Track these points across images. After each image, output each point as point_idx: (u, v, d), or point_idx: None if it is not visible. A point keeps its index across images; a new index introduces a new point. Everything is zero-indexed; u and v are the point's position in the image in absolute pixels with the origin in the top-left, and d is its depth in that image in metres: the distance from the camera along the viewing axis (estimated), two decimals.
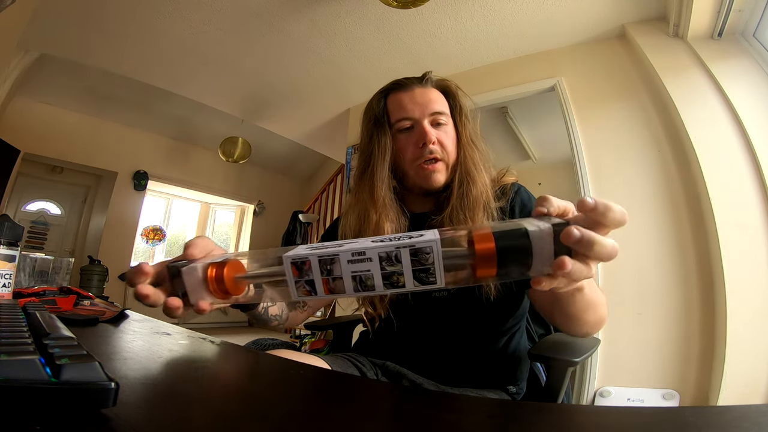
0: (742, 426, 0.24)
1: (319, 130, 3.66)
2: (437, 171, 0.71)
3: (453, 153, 0.72)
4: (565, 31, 2.17)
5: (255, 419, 0.23)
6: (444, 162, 0.71)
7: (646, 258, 1.80)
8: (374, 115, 0.76)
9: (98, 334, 0.49)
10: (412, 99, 0.72)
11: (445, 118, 0.73)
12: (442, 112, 0.72)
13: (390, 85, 0.77)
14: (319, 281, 0.35)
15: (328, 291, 0.35)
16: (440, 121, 0.72)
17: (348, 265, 0.34)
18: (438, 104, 0.73)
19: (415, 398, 0.33)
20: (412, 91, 0.73)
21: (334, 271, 0.34)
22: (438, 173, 0.71)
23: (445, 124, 0.73)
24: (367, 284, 0.34)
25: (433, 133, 0.70)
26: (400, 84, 0.75)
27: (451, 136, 0.73)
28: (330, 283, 0.35)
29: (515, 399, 0.72)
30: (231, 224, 5.84)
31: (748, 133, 1.61)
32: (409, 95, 0.73)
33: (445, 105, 0.74)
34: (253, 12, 2.15)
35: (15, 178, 3.58)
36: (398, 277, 0.33)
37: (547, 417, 0.27)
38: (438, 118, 0.72)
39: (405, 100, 0.73)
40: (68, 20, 2.25)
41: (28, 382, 0.19)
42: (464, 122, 0.74)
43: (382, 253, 0.33)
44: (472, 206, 0.68)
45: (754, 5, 1.63)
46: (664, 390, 1.66)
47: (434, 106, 0.72)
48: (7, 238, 0.61)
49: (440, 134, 0.71)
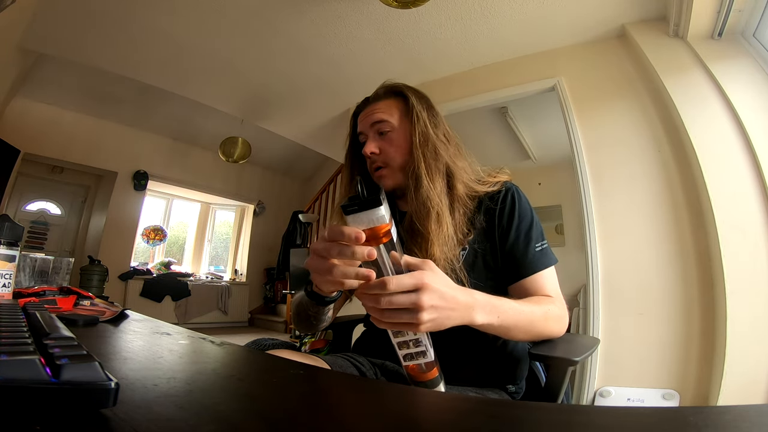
0: (742, 426, 0.24)
1: (319, 130, 3.66)
2: (383, 177, 0.76)
3: (398, 157, 0.75)
4: (565, 31, 2.17)
5: (255, 419, 0.23)
6: (390, 167, 0.76)
7: (646, 258, 1.80)
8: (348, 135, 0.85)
9: (98, 334, 0.49)
10: (364, 116, 0.79)
11: (389, 126, 0.76)
12: (383, 121, 0.76)
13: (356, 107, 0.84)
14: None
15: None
16: (382, 129, 0.76)
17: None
18: (379, 114, 0.76)
19: (415, 398, 0.33)
20: (366, 109, 0.80)
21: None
22: (384, 178, 0.76)
23: (389, 131, 0.76)
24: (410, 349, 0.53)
25: (372, 145, 0.75)
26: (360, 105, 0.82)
27: (396, 142, 0.75)
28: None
29: (515, 398, 0.72)
30: (231, 224, 5.84)
31: (748, 133, 1.61)
32: (363, 113, 0.80)
33: (393, 111, 0.76)
34: (253, 12, 2.15)
35: (15, 178, 3.59)
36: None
37: (546, 417, 0.27)
38: (380, 127, 0.76)
39: (360, 118, 0.80)
40: (68, 20, 2.25)
41: (28, 382, 0.19)
42: (414, 124, 0.74)
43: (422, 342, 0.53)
44: (422, 213, 0.68)
45: (754, 5, 1.63)
46: (664, 390, 1.66)
47: (375, 117, 0.76)
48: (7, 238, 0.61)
49: (382, 143, 0.76)
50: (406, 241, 0.70)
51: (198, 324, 4.60)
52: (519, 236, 0.71)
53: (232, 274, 5.54)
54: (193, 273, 5.20)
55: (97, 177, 4.31)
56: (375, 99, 0.79)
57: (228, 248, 5.76)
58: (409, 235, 0.70)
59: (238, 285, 5.28)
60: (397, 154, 0.75)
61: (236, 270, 5.54)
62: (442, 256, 0.66)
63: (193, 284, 4.81)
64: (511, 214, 0.72)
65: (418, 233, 0.68)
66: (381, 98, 0.79)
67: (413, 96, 0.77)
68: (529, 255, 0.70)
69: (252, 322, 5.27)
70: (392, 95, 0.79)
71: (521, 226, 0.71)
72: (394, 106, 0.77)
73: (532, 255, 0.70)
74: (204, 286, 4.93)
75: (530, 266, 0.69)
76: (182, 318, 4.57)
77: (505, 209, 0.73)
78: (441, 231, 0.67)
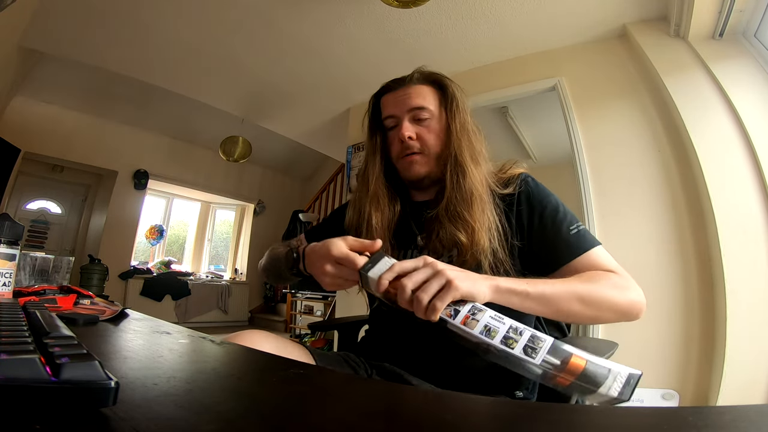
0: (742, 426, 0.24)
1: (319, 129, 3.66)
2: (415, 162, 0.74)
3: (436, 145, 0.74)
4: (565, 31, 2.16)
5: (255, 419, 0.23)
6: (424, 155, 0.74)
7: (646, 258, 1.80)
8: (369, 117, 0.82)
9: (98, 333, 0.49)
10: (395, 98, 0.76)
11: (428, 113, 0.75)
12: (422, 107, 0.74)
13: (381, 88, 0.81)
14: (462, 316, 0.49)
15: (463, 322, 0.48)
16: (421, 116, 0.74)
17: (489, 319, 0.48)
18: (419, 99, 0.75)
19: (416, 398, 0.33)
20: (396, 92, 0.77)
21: (477, 316, 0.49)
22: (416, 164, 0.74)
23: (428, 118, 0.75)
24: (491, 335, 0.46)
25: (411, 129, 0.73)
26: (388, 86, 0.79)
27: (434, 130, 0.75)
28: (468, 319, 0.48)
29: None
30: (231, 223, 5.84)
31: (749, 133, 1.61)
32: (393, 95, 0.77)
33: (430, 99, 0.76)
34: (254, 12, 2.15)
35: (15, 177, 3.59)
36: (513, 342, 0.45)
37: (546, 417, 0.27)
38: (418, 113, 0.74)
39: (389, 100, 0.77)
40: (68, 20, 2.24)
41: (28, 382, 0.19)
42: (454, 113, 0.75)
43: (514, 324, 0.47)
44: (466, 199, 0.68)
45: (755, 5, 1.62)
46: (664, 390, 1.66)
47: (414, 102, 0.74)
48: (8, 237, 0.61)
49: (420, 129, 0.74)
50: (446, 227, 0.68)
51: (198, 323, 4.60)
52: (546, 226, 0.67)
53: (232, 273, 5.54)
54: (193, 272, 5.20)
55: (97, 176, 4.31)
56: (409, 83, 0.77)
57: (228, 247, 5.76)
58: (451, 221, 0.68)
59: (238, 284, 5.29)
60: (436, 143, 0.74)
61: (236, 269, 5.55)
62: (489, 245, 0.65)
63: (193, 283, 4.82)
64: (531, 209, 0.70)
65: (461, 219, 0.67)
66: (416, 83, 0.77)
67: (452, 85, 0.77)
68: (563, 240, 0.65)
69: (252, 322, 5.27)
70: (428, 83, 0.77)
71: (546, 216, 0.68)
72: (431, 93, 0.76)
73: (567, 239, 0.65)
74: (204, 286, 4.93)
75: (568, 251, 0.65)
76: (182, 317, 4.57)
77: (525, 208, 0.70)
78: (485, 218, 0.67)
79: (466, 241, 0.65)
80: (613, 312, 0.58)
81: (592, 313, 0.57)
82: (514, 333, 0.45)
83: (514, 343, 0.45)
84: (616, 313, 0.59)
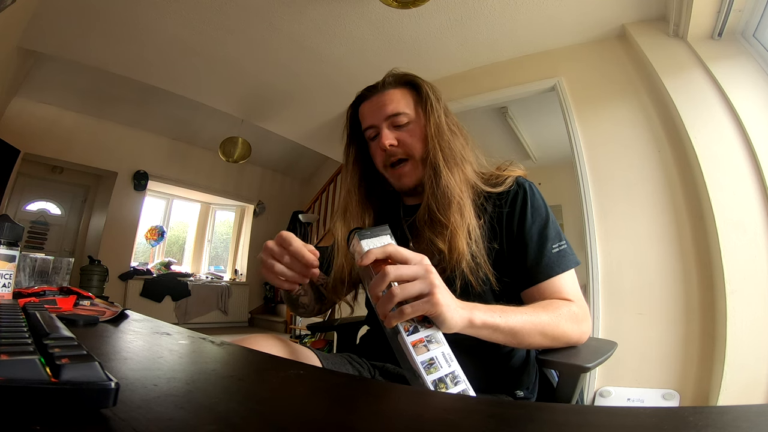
0: (742, 426, 0.24)
1: (319, 129, 3.66)
2: (404, 175, 0.74)
3: (420, 148, 0.73)
4: (565, 31, 2.17)
5: (255, 419, 0.23)
6: (411, 161, 0.73)
7: (646, 258, 1.80)
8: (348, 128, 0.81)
9: (98, 334, 0.49)
10: (371, 107, 0.75)
11: (406, 117, 0.73)
12: (399, 112, 0.73)
13: (356, 97, 0.79)
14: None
15: (414, 343, 0.46)
16: (399, 122, 0.73)
17: (439, 354, 0.46)
18: (394, 105, 0.73)
19: (416, 398, 0.33)
20: (371, 100, 0.75)
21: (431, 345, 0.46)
22: (405, 177, 0.74)
23: (407, 122, 0.73)
24: (430, 369, 0.44)
25: (390, 136, 0.72)
26: (363, 95, 0.78)
27: (416, 133, 0.73)
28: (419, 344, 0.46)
29: None
30: (231, 224, 5.84)
31: (748, 133, 1.61)
32: (369, 104, 0.75)
33: (406, 102, 0.74)
34: (253, 12, 2.15)
35: (15, 178, 3.59)
36: (443, 387, 0.44)
37: (546, 417, 0.27)
38: (396, 120, 0.73)
39: (366, 109, 0.76)
40: (68, 20, 2.25)
41: (28, 382, 0.19)
42: (429, 112, 0.73)
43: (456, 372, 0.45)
44: (443, 202, 0.67)
45: (754, 5, 1.63)
46: (664, 390, 1.66)
47: (389, 109, 0.73)
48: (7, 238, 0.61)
49: (401, 135, 0.73)
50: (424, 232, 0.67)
51: (198, 324, 4.60)
52: (532, 238, 0.66)
53: (232, 274, 5.54)
54: (193, 273, 5.20)
55: (97, 177, 4.31)
56: (383, 88, 0.75)
57: (228, 248, 5.76)
58: (429, 226, 0.67)
59: (238, 285, 5.28)
60: (420, 145, 0.72)
61: (236, 270, 5.54)
62: (467, 249, 0.63)
63: (193, 284, 4.81)
64: (522, 215, 0.68)
65: (438, 223, 0.66)
66: (389, 87, 0.75)
67: (425, 85, 0.75)
68: (545, 258, 0.64)
69: (252, 322, 5.27)
70: (402, 85, 0.76)
71: (534, 227, 0.66)
72: (407, 95, 0.74)
73: (548, 257, 0.64)
74: (204, 286, 4.93)
75: (546, 270, 0.64)
76: (182, 318, 4.57)
77: (515, 211, 0.68)
78: (464, 222, 0.65)
79: (443, 248, 0.64)
80: (565, 343, 0.61)
81: (549, 343, 0.60)
82: (450, 380, 0.44)
83: (444, 387, 0.43)
84: (567, 343, 0.62)
